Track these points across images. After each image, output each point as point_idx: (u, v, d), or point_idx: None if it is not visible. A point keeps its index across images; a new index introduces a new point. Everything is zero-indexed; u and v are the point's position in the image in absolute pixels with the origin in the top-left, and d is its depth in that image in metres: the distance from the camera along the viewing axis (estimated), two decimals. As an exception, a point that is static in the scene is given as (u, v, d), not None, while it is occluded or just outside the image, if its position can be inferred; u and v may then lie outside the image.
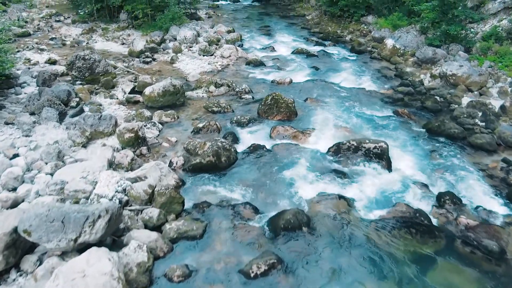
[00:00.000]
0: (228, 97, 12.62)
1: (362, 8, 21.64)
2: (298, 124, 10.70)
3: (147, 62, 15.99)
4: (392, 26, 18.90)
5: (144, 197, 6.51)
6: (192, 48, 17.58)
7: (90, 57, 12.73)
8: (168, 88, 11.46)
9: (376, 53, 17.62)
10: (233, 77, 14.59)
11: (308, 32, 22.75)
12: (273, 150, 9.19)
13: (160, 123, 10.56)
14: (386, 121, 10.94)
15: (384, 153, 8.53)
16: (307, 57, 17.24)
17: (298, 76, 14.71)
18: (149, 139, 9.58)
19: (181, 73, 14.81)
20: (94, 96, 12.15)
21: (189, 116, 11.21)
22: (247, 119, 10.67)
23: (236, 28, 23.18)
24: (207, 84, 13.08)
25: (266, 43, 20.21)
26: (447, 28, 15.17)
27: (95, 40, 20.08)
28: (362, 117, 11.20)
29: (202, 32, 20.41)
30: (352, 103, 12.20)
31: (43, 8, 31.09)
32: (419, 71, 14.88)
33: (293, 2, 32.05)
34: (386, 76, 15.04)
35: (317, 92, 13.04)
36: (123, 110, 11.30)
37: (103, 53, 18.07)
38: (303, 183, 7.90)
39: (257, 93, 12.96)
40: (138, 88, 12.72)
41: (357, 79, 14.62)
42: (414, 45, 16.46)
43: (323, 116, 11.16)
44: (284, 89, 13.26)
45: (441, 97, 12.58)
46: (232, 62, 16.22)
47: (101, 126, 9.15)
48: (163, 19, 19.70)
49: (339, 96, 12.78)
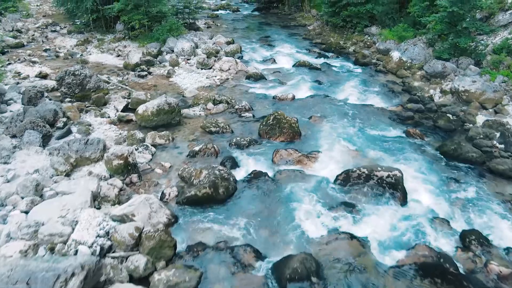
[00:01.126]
0: (227, 115, 11.85)
1: (365, 18, 21.01)
2: (303, 146, 9.92)
3: (143, 76, 15.26)
4: (398, 37, 18.22)
5: (129, 241, 5.69)
6: (190, 61, 16.87)
7: (81, 72, 11.99)
8: (163, 106, 10.70)
9: (382, 66, 16.92)
10: (232, 92, 13.85)
11: (310, 43, 22.09)
12: (276, 178, 8.39)
13: (154, 145, 9.77)
14: (397, 143, 10.15)
15: (398, 182, 7.72)
16: (310, 70, 16.52)
17: (300, 91, 13.97)
18: (140, 164, 8.79)
19: (177, 88, 14.07)
20: (84, 114, 11.38)
21: (185, 137, 10.43)
22: (247, 141, 9.89)
23: (236, 38, 22.52)
24: (204, 101, 12.32)
25: (267, 54, 19.53)
26: (456, 41, 14.47)
27: (90, 51, 19.40)
28: (371, 138, 10.41)
29: (200, 44, 19.74)
30: (359, 122, 11.43)
31: (40, 18, 30.56)
32: (428, 86, 14.15)
33: (293, 11, 31.51)
34: (393, 91, 14.30)
35: (321, 109, 12.27)
36: (114, 131, 10.52)
37: (97, 65, 17.41)
38: (310, 219, 7.09)
39: (258, 111, 12.20)
40: (132, 105, 11.96)
41: (363, 94, 13.88)
42: (421, 58, 15.75)
43: (329, 137, 10.38)
44: (287, 106, 12.51)
45: (453, 115, 11.81)
46: (231, 75, 15.49)
47: (88, 152, 8.36)
48: (160, 30, 19.04)
49: (345, 113, 12.01)
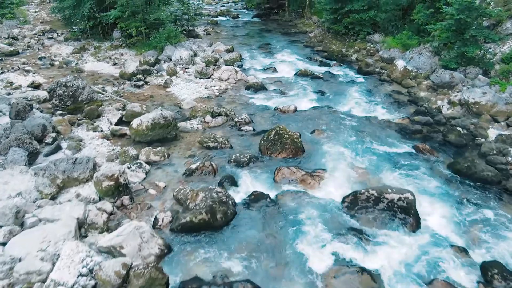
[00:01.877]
0: (226, 128, 11.29)
1: (368, 26, 20.53)
2: (306, 163, 9.35)
3: (139, 86, 14.73)
4: (402, 45, 17.72)
5: (116, 281, 5.09)
6: (188, 70, 16.36)
7: (73, 83, 11.45)
8: (158, 120, 10.14)
9: (386, 75, 16.40)
10: (231, 103, 13.30)
11: (311, 51, 21.60)
12: (278, 200, 7.80)
13: (148, 162, 9.20)
14: (406, 160, 9.57)
15: (410, 206, 7.14)
16: (312, 80, 16.00)
17: (303, 102, 13.43)
18: (133, 184, 8.21)
19: (174, 99, 13.52)
20: (76, 128, 10.83)
21: (181, 153, 9.86)
22: (247, 158, 9.31)
23: (236, 46, 22.05)
24: (202, 113, 11.77)
25: (267, 62, 19.02)
26: (464, 50, 13.95)
27: (86, 60, 18.90)
28: (378, 154, 9.84)
29: (199, 52, 19.24)
30: (365, 136, 10.87)
31: (37, 24, 30.16)
32: (435, 97, 13.61)
33: (294, 18, 31.10)
34: (399, 102, 13.75)
35: (325, 122, 11.72)
36: (106, 146, 9.95)
37: (92, 74, 16.91)
38: (315, 248, 6.50)
39: (258, 124, 11.65)
40: (126, 118, 11.41)
41: (367, 105, 13.33)
42: (427, 67, 15.23)
43: (333, 153, 9.81)
44: (288, 118, 11.95)
45: (463, 128, 11.26)
46: (230, 85, 14.96)
47: (76, 172, 7.78)
48: (158, 38, 18.55)
49: (350, 126, 11.45)
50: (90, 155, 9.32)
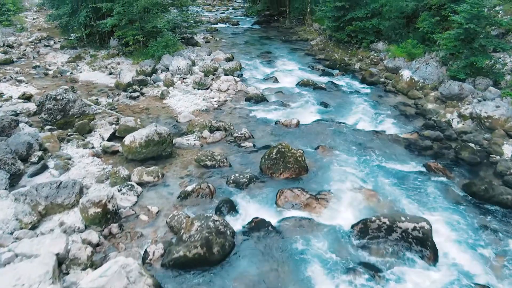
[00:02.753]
0: (225, 144, 10.66)
1: (371, 34, 20.00)
2: (310, 184, 8.71)
3: (134, 98, 14.13)
4: (407, 54, 17.16)
5: (95, 335, 4.43)
6: (186, 80, 15.77)
7: (63, 96, 10.85)
8: (152, 137, 9.52)
9: (391, 85, 15.82)
10: (231, 116, 12.69)
11: (313, 59, 21.06)
12: (281, 228, 7.14)
13: (140, 183, 8.56)
14: (417, 180, 8.93)
15: (427, 237, 6.49)
16: (314, 90, 15.41)
17: (305, 115, 12.81)
18: (123, 210, 7.57)
19: (171, 112, 12.91)
20: (65, 144, 10.19)
21: (176, 172, 9.22)
22: (247, 178, 8.67)
23: (236, 54, 21.52)
24: (200, 128, 11.14)
25: (268, 72, 18.46)
26: (473, 60, 13.37)
27: (81, 69, 18.34)
28: (387, 174, 9.20)
29: (198, 61, 18.69)
30: (372, 152, 10.24)
31: (34, 32, 29.71)
32: (444, 109, 12.99)
33: (295, 25, 30.64)
34: (406, 115, 13.14)
35: (329, 137, 11.09)
36: (97, 165, 9.31)
37: (87, 84, 16.34)
38: (323, 285, 5.82)
39: (259, 139, 11.02)
40: (119, 133, 10.81)
41: (373, 118, 12.72)
42: (434, 78, 14.65)
43: (339, 172, 9.17)
44: (291, 133, 11.33)
45: (476, 144, 10.63)
46: (230, 97, 14.36)
47: (60, 197, 7.14)
48: (156, 47, 17.99)
49: (356, 142, 10.83)
50: (78, 175, 8.71)
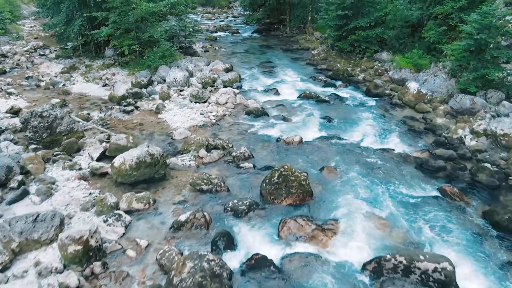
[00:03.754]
0: (223, 165, 9.91)
1: (375, 43, 19.37)
2: (316, 211, 7.96)
3: (128, 112, 13.43)
4: (413, 65, 16.50)
5: None
6: (183, 93, 15.08)
7: (50, 113, 10.14)
8: (144, 158, 8.78)
9: (397, 98, 15.13)
10: (229, 132, 11.97)
11: (315, 69, 20.42)
12: (284, 267, 6.37)
13: (129, 211, 7.81)
14: (432, 207, 8.17)
15: (450, 280, 5.74)
16: (317, 103, 14.72)
17: (308, 131, 12.10)
18: (108, 244, 6.80)
19: (166, 128, 12.19)
20: (51, 165, 9.46)
21: (169, 198, 8.47)
22: (247, 205, 7.92)
23: (235, 64, 20.90)
24: (196, 146, 10.41)
25: (269, 83, 17.79)
26: (485, 72, 12.69)
27: (74, 80, 17.68)
28: (398, 199, 8.45)
29: (196, 72, 18.04)
30: (381, 174, 9.51)
31: (31, 40, 29.22)
32: (455, 125, 12.27)
33: (295, 33, 30.09)
34: (415, 130, 12.42)
35: (334, 156, 10.36)
36: (83, 190, 8.56)
37: (80, 97, 15.67)
38: None
39: (259, 159, 10.28)
40: (110, 152, 10.08)
41: (380, 134, 12.00)
42: (443, 91, 13.96)
43: (347, 197, 8.42)
44: (293, 152, 10.60)
45: (493, 164, 9.89)
46: (229, 111, 13.66)
47: (37, 232, 6.39)
48: (152, 57, 17.35)
49: (363, 162, 10.09)
50: (62, 202, 7.97)
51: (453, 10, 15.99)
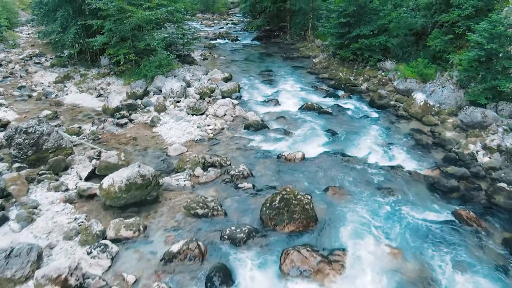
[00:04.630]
0: (220, 185, 9.25)
1: (378, 52, 18.79)
2: (321, 239, 7.30)
3: (122, 125, 12.80)
4: (418, 75, 15.91)
5: None
6: (180, 104, 14.47)
7: (36, 129, 9.50)
8: (135, 180, 8.13)
9: (403, 109, 14.50)
10: (227, 148, 11.33)
11: (316, 78, 19.84)
12: (287, 310, 5.68)
13: (117, 240, 7.14)
14: (448, 234, 7.52)
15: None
16: (319, 115, 14.09)
17: (311, 146, 11.46)
18: (91, 280, 6.12)
19: (161, 143, 11.55)
20: (35, 186, 8.81)
21: (161, 223, 7.80)
22: (246, 232, 7.26)
23: (234, 73, 20.34)
24: (192, 164, 9.76)
25: (269, 93, 17.21)
26: (496, 83, 12.10)
27: (68, 90, 17.09)
28: (411, 225, 7.79)
29: (193, 81, 17.47)
30: (390, 195, 8.85)
31: (27, 48, 28.76)
32: (465, 139, 11.64)
33: (296, 41, 29.59)
34: (423, 145, 11.78)
35: (339, 175, 9.71)
36: (68, 214, 7.91)
37: (72, 108, 15.06)
38: None
39: (259, 177, 9.63)
40: (99, 171, 9.44)
41: (387, 150, 11.35)
42: (451, 102, 13.35)
43: (354, 223, 7.76)
44: (295, 170, 9.95)
45: (509, 184, 9.24)
46: (227, 123, 13.03)
47: (10, 269, 5.72)
48: (148, 67, 16.78)
49: (370, 181, 9.44)
50: (44, 229, 7.30)
51: (460, 18, 15.45)
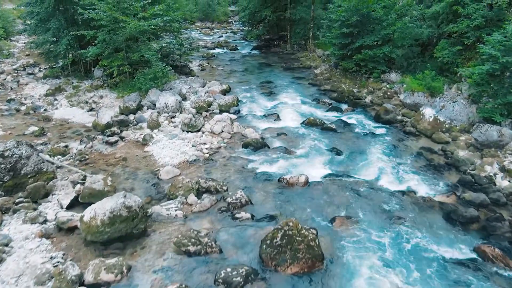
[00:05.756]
0: (215, 215, 8.38)
1: (382, 63, 18.05)
2: (329, 283, 6.43)
3: (112, 143, 11.97)
4: (426, 88, 15.13)
5: None
6: (175, 120, 13.67)
7: (13, 152, 8.67)
8: (119, 212, 7.28)
9: (410, 125, 13.69)
10: (224, 169, 10.48)
11: (318, 90, 19.08)
12: None
13: (96, 285, 6.26)
14: (472, 275, 6.65)
15: None
16: (323, 132, 13.28)
17: (314, 167, 10.63)
18: None
19: (152, 164, 10.71)
20: (10, 217, 7.94)
21: (148, 263, 6.92)
22: (243, 275, 6.39)
23: (233, 84, 19.59)
24: (185, 190, 8.91)
25: (269, 106, 16.43)
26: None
27: (58, 104, 16.28)
28: (429, 264, 6.91)
29: (190, 94, 16.69)
30: (404, 227, 7.99)
31: (22, 58, 28.10)
32: (481, 159, 10.82)
33: (296, 50, 28.94)
34: (435, 166, 10.95)
35: (346, 202, 8.86)
36: (43, 252, 7.04)
37: (61, 124, 14.25)
38: None
39: (259, 206, 8.77)
40: (83, 198, 8.60)
41: (396, 172, 10.51)
42: (463, 119, 12.55)
43: (366, 262, 6.90)
44: (298, 196, 9.09)
45: (534, 213, 8.37)
46: (224, 141, 12.20)
47: (-36, 332, 4.80)
48: (142, 79, 16.00)
49: (381, 210, 8.59)
50: (13, 272, 6.45)
51: (469, 28, 14.74)
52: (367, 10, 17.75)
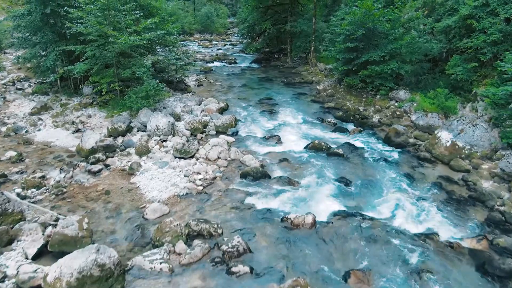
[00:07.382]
0: (208, 268, 7.09)
1: (390, 80, 16.95)
2: None
3: (95, 173, 10.73)
4: (440, 108, 13.99)
5: None
6: (166, 144, 12.47)
7: (-27, 193, 7.42)
8: (90, 271, 6.01)
9: (424, 149, 12.52)
10: (219, 205, 9.22)
11: (321, 108, 17.94)
12: None
13: None
14: None
15: None
16: (328, 158, 12.07)
17: (321, 203, 9.38)
18: None
19: (138, 199, 9.44)
20: (-37, 272, 6.63)
21: None
22: None
23: (231, 101, 18.47)
24: (172, 236, 7.63)
25: (269, 126, 15.27)
26: (540, 125, 10.16)
27: (41, 125, 15.07)
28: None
29: (184, 114, 15.53)
30: (432, 283, 6.70)
31: (13, 71, 26.99)
32: (509, 192, 9.59)
33: (297, 64, 27.93)
34: (458, 200, 9.71)
35: (361, 249, 7.59)
36: (-5, 323, 5.71)
37: (43, 148, 13.03)
38: None
39: (259, 254, 7.49)
40: (52, 247, 7.33)
41: (414, 208, 9.27)
42: (485, 144, 11.36)
43: (390, 336, 5.57)
44: (305, 241, 7.83)
45: None
46: (221, 170, 10.97)
47: None
48: (133, 98, 14.83)
49: (402, 260, 7.32)
50: None
51: (485, 44, 13.66)
52: (373, 23, 16.72)
